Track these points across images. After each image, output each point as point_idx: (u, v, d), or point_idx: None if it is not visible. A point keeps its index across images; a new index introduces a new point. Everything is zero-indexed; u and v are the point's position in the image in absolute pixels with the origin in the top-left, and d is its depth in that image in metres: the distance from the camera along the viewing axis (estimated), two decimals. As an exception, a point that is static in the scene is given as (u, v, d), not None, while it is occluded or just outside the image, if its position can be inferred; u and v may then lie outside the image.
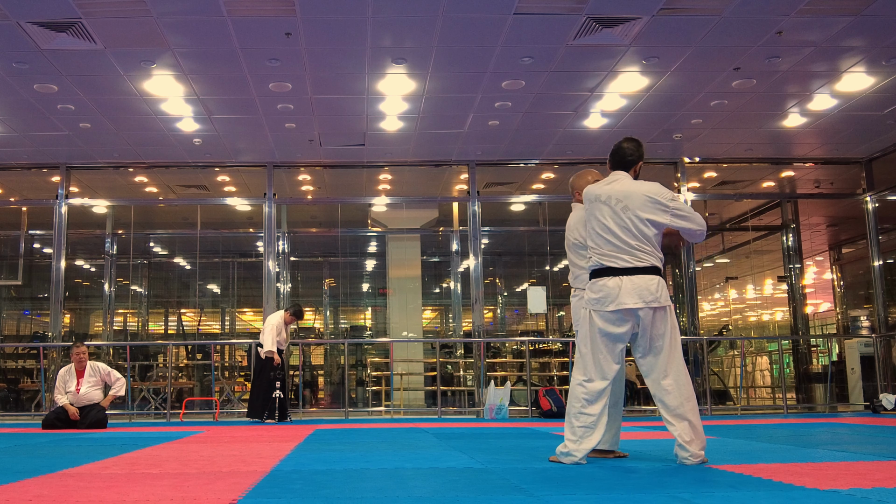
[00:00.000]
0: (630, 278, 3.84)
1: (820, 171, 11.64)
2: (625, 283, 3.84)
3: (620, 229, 3.90)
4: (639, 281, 3.83)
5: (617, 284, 3.85)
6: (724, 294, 15.45)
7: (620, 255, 3.88)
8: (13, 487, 3.16)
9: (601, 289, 3.90)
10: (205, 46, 7.23)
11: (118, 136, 9.76)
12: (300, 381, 10.92)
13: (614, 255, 3.90)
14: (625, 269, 3.86)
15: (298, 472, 3.67)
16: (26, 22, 6.66)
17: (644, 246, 3.89)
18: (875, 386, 10.50)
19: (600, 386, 3.87)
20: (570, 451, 3.85)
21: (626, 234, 3.89)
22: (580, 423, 3.85)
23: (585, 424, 3.83)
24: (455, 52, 7.44)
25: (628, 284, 3.83)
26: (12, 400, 11.52)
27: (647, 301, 3.80)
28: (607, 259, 3.91)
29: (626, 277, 3.84)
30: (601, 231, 3.95)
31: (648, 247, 3.89)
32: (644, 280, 3.83)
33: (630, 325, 3.86)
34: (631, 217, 3.89)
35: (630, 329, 3.87)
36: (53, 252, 10.83)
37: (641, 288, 3.82)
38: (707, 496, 2.78)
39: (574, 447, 3.84)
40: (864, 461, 3.93)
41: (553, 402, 9.24)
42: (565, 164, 11.25)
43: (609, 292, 3.86)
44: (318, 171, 11.48)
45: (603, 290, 3.89)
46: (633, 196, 3.92)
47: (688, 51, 7.48)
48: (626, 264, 3.87)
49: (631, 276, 3.84)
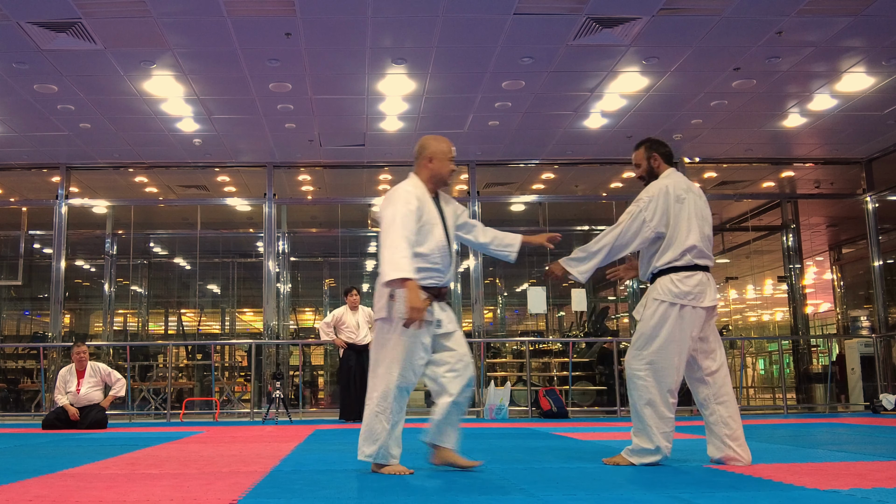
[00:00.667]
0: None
1: (820, 171, 11.64)
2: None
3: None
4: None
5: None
6: (724, 294, 15.45)
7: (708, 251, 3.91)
8: (13, 487, 3.16)
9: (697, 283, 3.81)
10: (205, 46, 7.23)
11: (118, 136, 9.76)
12: (300, 381, 10.93)
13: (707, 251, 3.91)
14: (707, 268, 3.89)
15: (298, 472, 3.67)
16: (26, 22, 6.66)
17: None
18: (875, 386, 10.50)
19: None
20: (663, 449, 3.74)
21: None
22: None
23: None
24: (455, 52, 7.44)
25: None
26: (12, 400, 11.52)
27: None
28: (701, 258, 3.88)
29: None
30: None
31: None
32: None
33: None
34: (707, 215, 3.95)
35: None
36: (53, 252, 10.83)
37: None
38: (707, 496, 2.78)
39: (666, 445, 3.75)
40: (864, 461, 3.93)
41: (553, 402, 9.24)
42: (565, 164, 11.26)
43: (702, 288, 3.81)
44: (318, 172, 11.48)
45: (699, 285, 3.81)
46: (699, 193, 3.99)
47: (688, 51, 7.48)
48: (710, 262, 3.91)
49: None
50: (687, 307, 3.74)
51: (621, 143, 10.35)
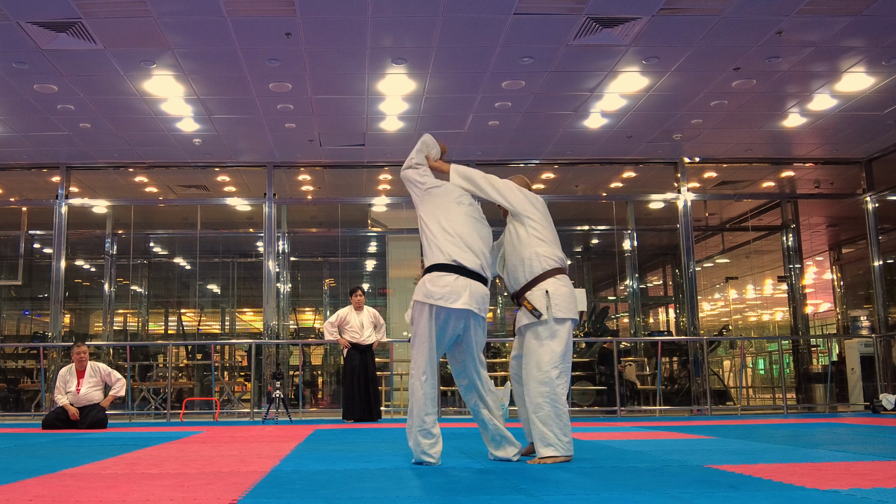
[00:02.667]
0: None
1: (820, 171, 11.64)
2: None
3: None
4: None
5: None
6: (724, 294, 15.45)
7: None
8: (13, 487, 3.16)
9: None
10: (205, 46, 7.23)
11: (118, 136, 9.76)
12: (300, 381, 10.93)
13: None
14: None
15: (298, 472, 3.67)
16: (26, 22, 6.66)
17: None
18: (875, 386, 10.50)
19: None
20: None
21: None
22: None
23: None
24: (455, 52, 7.44)
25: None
26: (12, 400, 11.52)
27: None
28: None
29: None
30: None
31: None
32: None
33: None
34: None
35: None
36: (53, 252, 10.83)
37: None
38: (707, 496, 2.78)
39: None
40: (864, 461, 3.93)
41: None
42: (565, 164, 11.26)
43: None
44: (318, 171, 11.48)
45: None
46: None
47: (688, 51, 7.48)
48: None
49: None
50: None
51: (621, 143, 10.36)
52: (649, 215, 12.82)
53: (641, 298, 13.48)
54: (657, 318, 15.38)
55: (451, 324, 3.84)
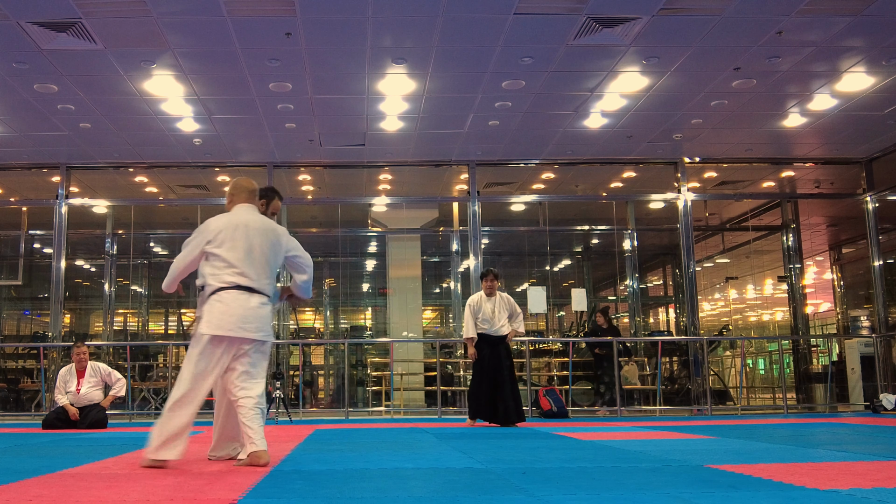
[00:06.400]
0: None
1: (820, 171, 11.64)
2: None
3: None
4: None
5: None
6: (724, 294, 15.45)
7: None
8: (13, 487, 3.16)
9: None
10: (205, 46, 7.23)
11: (118, 136, 9.76)
12: (300, 381, 10.92)
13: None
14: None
15: (298, 472, 3.67)
16: (26, 22, 6.66)
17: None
18: (875, 386, 10.50)
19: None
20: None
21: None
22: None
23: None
24: (455, 52, 7.44)
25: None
26: (12, 400, 11.52)
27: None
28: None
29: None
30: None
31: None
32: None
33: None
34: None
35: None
36: (53, 252, 10.83)
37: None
38: (707, 496, 2.78)
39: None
40: (864, 461, 3.93)
41: (553, 402, 9.24)
42: (565, 164, 11.26)
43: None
44: (318, 171, 11.48)
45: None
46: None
47: (688, 51, 7.48)
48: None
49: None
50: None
51: (621, 143, 10.36)
52: (649, 215, 12.83)
53: (641, 298, 13.48)
54: (657, 318, 15.39)
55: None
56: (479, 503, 2.72)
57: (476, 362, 7.70)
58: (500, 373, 7.58)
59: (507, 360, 7.68)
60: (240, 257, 4.01)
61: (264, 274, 4.08)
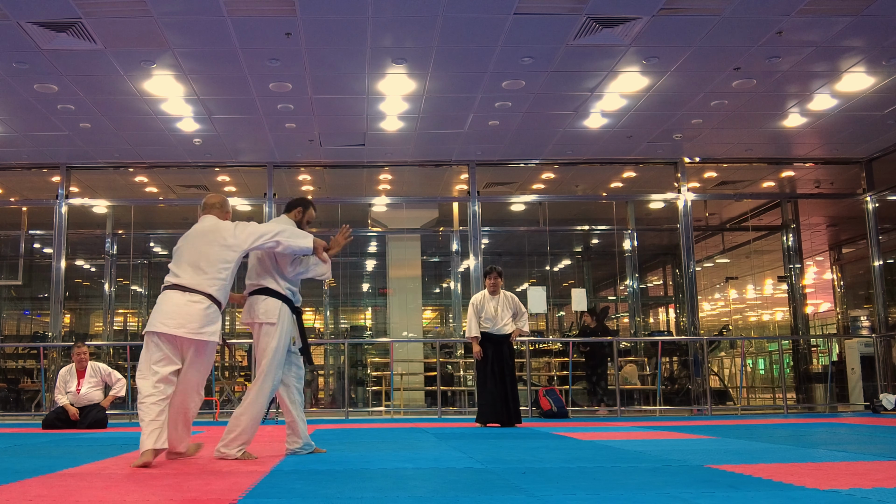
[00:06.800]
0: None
1: (820, 171, 11.64)
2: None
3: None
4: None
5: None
6: (724, 294, 15.46)
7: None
8: (13, 487, 3.16)
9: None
10: (205, 46, 7.23)
11: (118, 136, 9.76)
12: (300, 381, 10.89)
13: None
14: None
15: (298, 472, 3.67)
16: (26, 22, 6.66)
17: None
18: (875, 386, 10.50)
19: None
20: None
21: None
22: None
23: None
24: (455, 52, 7.44)
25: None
26: (12, 400, 11.52)
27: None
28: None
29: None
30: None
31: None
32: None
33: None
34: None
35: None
36: (53, 252, 10.83)
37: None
38: (707, 496, 2.78)
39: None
40: (864, 461, 3.93)
41: (553, 402, 9.24)
42: (565, 164, 11.26)
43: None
44: (318, 171, 11.48)
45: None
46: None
47: (688, 51, 7.48)
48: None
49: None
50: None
51: (621, 143, 10.36)
52: (649, 215, 12.83)
53: (641, 298, 13.48)
54: (657, 318, 15.39)
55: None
56: (479, 503, 2.72)
57: (479, 362, 7.63)
58: (503, 373, 7.54)
59: (510, 359, 7.64)
60: (178, 261, 4.42)
61: (204, 273, 4.37)
